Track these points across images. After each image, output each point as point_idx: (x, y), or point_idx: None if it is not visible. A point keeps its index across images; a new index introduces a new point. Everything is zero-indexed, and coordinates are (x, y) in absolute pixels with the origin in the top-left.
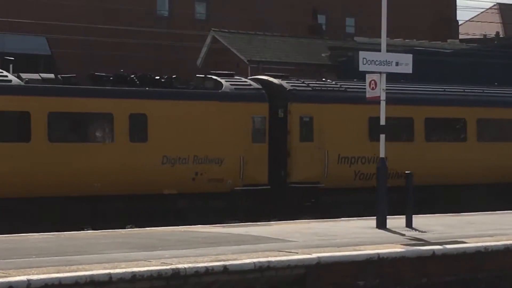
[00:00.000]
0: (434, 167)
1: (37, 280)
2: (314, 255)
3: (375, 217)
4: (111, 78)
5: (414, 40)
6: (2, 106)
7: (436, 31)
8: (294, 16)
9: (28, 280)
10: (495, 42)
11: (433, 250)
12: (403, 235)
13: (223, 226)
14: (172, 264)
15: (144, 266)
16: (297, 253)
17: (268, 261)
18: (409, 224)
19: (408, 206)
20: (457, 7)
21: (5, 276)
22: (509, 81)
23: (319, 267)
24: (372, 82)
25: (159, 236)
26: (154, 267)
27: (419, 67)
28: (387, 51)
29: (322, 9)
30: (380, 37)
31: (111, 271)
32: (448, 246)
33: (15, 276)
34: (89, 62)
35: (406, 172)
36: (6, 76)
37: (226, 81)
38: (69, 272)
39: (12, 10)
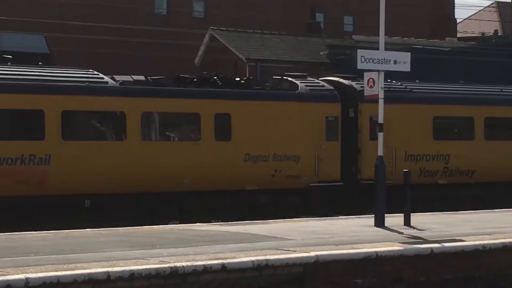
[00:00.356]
0: (493, 164)
1: (35, 278)
2: (313, 254)
3: (373, 215)
4: (195, 79)
5: (412, 38)
6: (100, 106)
7: (434, 29)
8: (292, 15)
9: (27, 279)
10: (493, 40)
11: (431, 248)
12: (401, 233)
13: (221, 225)
14: (170, 262)
15: (142, 265)
16: (295, 251)
17: (266, 260)
18: (407, 223)
19: (405, 204)
20: (455, 5)
21: (4, 275)
22: (507, 80)
23: (317, 266)
24: (370, 80)
25: (157, 234)
26: (152, 265)
27: (417, 66)
28: (385, 49)
29: (320, 7)
30: (378, 35)
31: (110, 269)
32: (446, 244)
33: (13, 274)
34: (87, 61)
35: (404, 170)
36: (103, 78)
37: (301, 82)
38: (67, 270)
39: (11, 8)
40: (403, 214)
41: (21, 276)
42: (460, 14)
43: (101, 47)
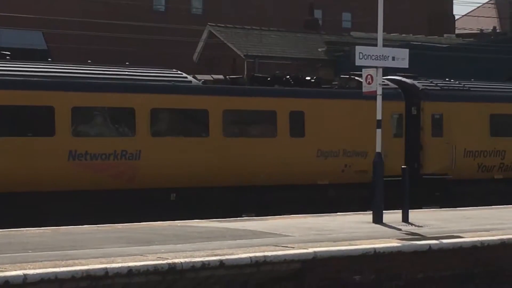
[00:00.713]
0: None
1: (33, 274)
2: (311, 250)
3: (371, 211)
4: (269, 79)
5: (411, 35)
6: (185, 104)
7: (432, 25)
8: (290, 11)
9: (25, 275)
10: (492, 37)
11: (429, 245)
12: (399, 229)
13: (219, 221)
14: (168, 258)
15: (140, 261)
16: (293, 247)
17: (264, 256)
18: (405, 219)
19: (404, 200)
20: (453, 1)
21: (1, 271)
22: (506, 76)
23: (316, 262)
24: (369, 76)
25: (155, 230)
26: (150, 261)
27: (416, 62)
28: (384, 45)
29: (319, 4)
30: (376, 31)
31: (108, 265)
32: (444, 241)
33: (11, 270)
34: (85, 57)
35: (402, 167)
36: (186, 77)
37: None
38: (65, 266)
39: (9, 4)
40: (401, 211)
41: (19, 272)
42: (458, 10)
43: (99, 43)
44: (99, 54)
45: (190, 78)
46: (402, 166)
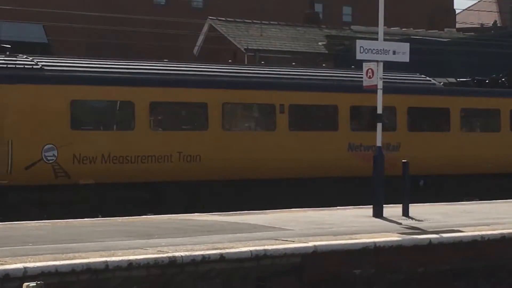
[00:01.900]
0: None
1: (33, 268)
2: (311, 244)
3: (372, 205)
4: (487, 81)
5: (411, 29)
6: (432, 104)
7: (433, 20)
8: (291, 5)
9: (25, 268)
10: (492, 31)
11: (430, 239)
12: (400, 224)
13: (220, 215)
14: (168, 252)
15: (140, 254)
16: (293, 241)
17: (265, 250)
18: (405, 213)
19: (404, 194)
20: None
21: (2, 264)
22: (505, 71)
23: (316, 256)
24: (369, 70)
25: (156, 224)
26: (150, 255)
27: (416, 56)
28: (384, 40)
29: None
30: (377, 25)
31: (108, 259)
32: (445, 235)
33: (11, 263)
34: (86, 50)
35: (403, 161)
36: (430, 80)
37: None
38: (65, 260)
39: None
40: (401, 205)
41: (19, 265)
42: (459, 4)
43: (100, 37)
44: (99, 48)
45: (433, 80)
46: (403, 161)
